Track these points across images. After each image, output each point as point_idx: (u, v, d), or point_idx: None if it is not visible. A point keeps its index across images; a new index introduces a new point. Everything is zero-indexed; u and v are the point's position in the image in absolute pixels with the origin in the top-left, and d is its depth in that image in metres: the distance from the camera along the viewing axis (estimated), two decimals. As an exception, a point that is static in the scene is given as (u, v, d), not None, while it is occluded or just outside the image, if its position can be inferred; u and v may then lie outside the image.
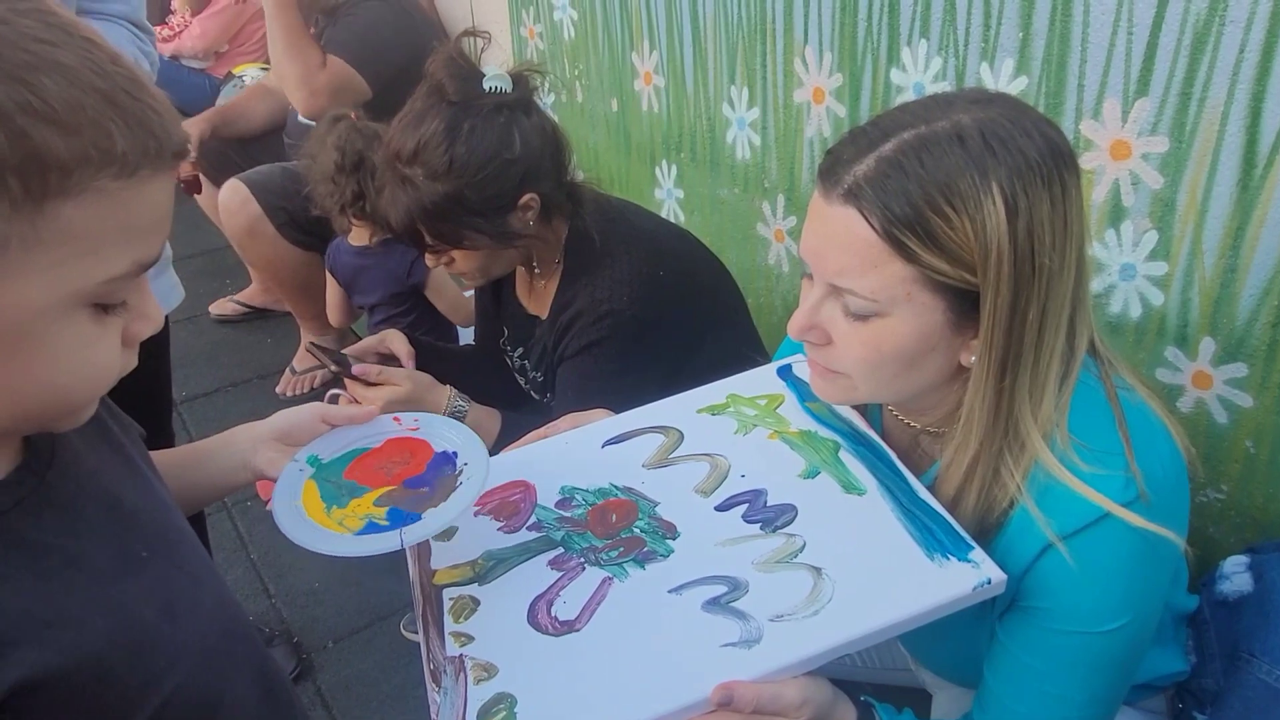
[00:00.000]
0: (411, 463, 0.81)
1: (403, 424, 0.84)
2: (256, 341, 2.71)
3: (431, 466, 0.80)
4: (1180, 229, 1.18)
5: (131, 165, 0.51)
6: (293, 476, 0.80)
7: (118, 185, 0.51)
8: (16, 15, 0.49)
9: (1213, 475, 1.25)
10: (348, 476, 0.80)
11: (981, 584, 0.74)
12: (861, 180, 0.73)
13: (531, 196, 1.27)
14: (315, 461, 0.82)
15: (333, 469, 0.81)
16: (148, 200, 0.53)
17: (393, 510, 0.76)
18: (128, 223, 0.52)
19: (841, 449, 0.88)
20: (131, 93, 0.51)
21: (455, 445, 0.82)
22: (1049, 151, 0.73)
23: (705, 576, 0.79)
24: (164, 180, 0.54)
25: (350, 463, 0.82)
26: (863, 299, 0.75)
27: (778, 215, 1.82)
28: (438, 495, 0.77)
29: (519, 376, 1.56)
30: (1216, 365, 1.20)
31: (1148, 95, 1.16)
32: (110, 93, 0.50)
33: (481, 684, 0.74)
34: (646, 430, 0.96)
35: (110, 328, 0.56)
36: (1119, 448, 0.77)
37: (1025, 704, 0.82)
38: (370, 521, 0.76)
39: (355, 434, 0.84)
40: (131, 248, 0.53)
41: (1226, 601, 1.04)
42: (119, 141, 0.50)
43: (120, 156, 0.50)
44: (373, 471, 0.80)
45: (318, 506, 0.77)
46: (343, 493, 0.78)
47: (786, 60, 1.66)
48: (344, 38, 2.21)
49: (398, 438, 0.83)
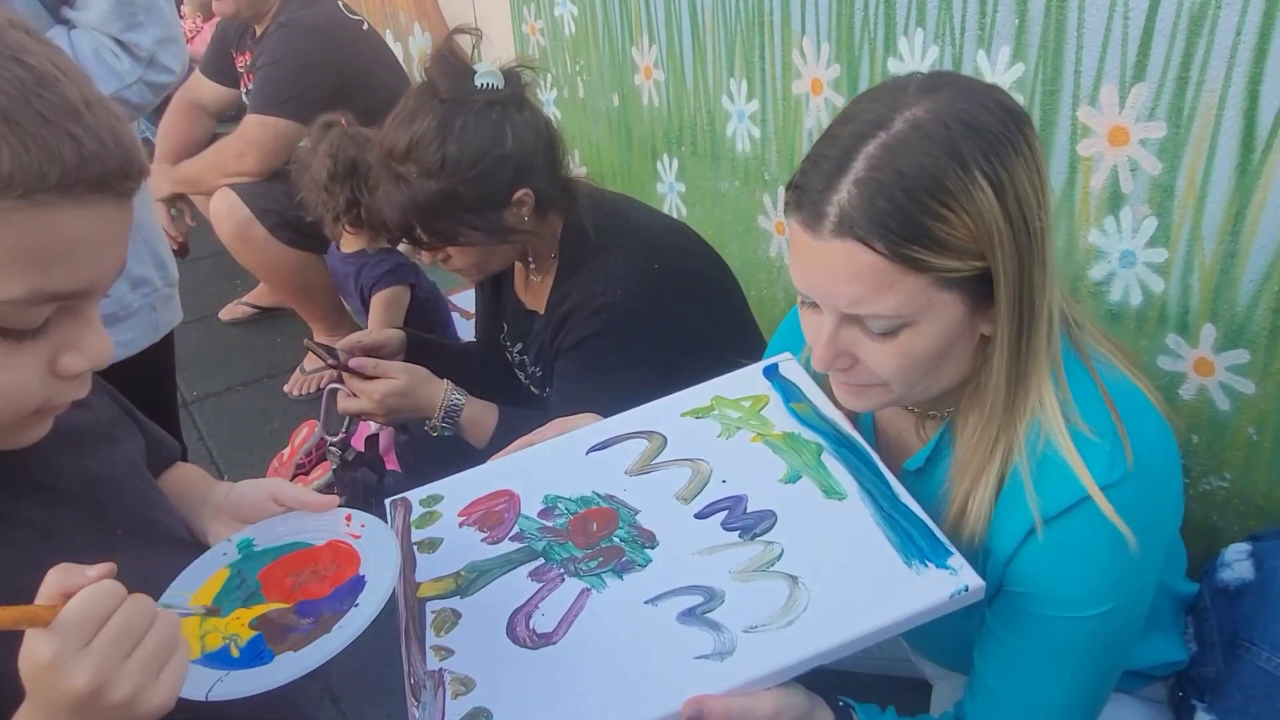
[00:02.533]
0: (328, 579, 0.74)
1: (350, 525, 0.77)
2: (266, 341, 2.73)
3: (336, 593, 0.72)
4: (1179, 215, 1.17)
5: (21, 187, 0.49)
6: (212, 559, 0.75)
7: (5, 205, 0.49)
8: None
9: (1215, 462, 1.24)
10: (261, 576, 0.74)
11: (958, 591, 0.74)
12: (849, 209, 0.71)
13: (525, 192, 1.28)
14: (246, 547, 0.77)
15: (257, 561, 0.76)
16: (52, 226, 0.51)
17: (254, 641, 0.69)
18: (20, 247, 0.50)
19: (824, 452, 0.88)
20: (48, 115, 0.50)
21: (370, 572, 0.74)
22: (1007, 117, 0.72)
23: (682, 587, 0.79)
24: (80, 209, 0.52)
25: (279, 558, 0.76)
26: (886, 319, 0.74)
27: (778, 207, 1.82)
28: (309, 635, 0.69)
29: (519, 372, 1.56)
30: (1218, 352, 1.18)
31: (1145, 80, 1.14)
32: (11, 112, 0.49)
33: (459, 698, 0.74)
34: (630, 435, 0.96)
35: (25, 354, 0.54)
36: (1107, 425, 0.76)
37: (1015, 690, 0.82)
38: (224, 648, 0.68)
39: (303, 524, 0.78)
40: (27, 273, 0.51)
41: (1227, 589, 1.03)
42: (5, 162, 0.48)
43: (6, 176, 0.48)
44: (281, 580, 0.74)
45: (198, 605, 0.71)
46: (242, 595, 0.72)
47: (784, 52, 1.66)
48: (256, 88, 2.23)
49: (338, 541, 0.77)
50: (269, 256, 2.26)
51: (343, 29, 2.29)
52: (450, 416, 1.36)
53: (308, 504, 0.77)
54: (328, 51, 2.21)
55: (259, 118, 2.18)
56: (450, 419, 1.36)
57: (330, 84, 2.18)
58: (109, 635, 0.52)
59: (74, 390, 0.58)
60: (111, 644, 0.51)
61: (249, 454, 2.22)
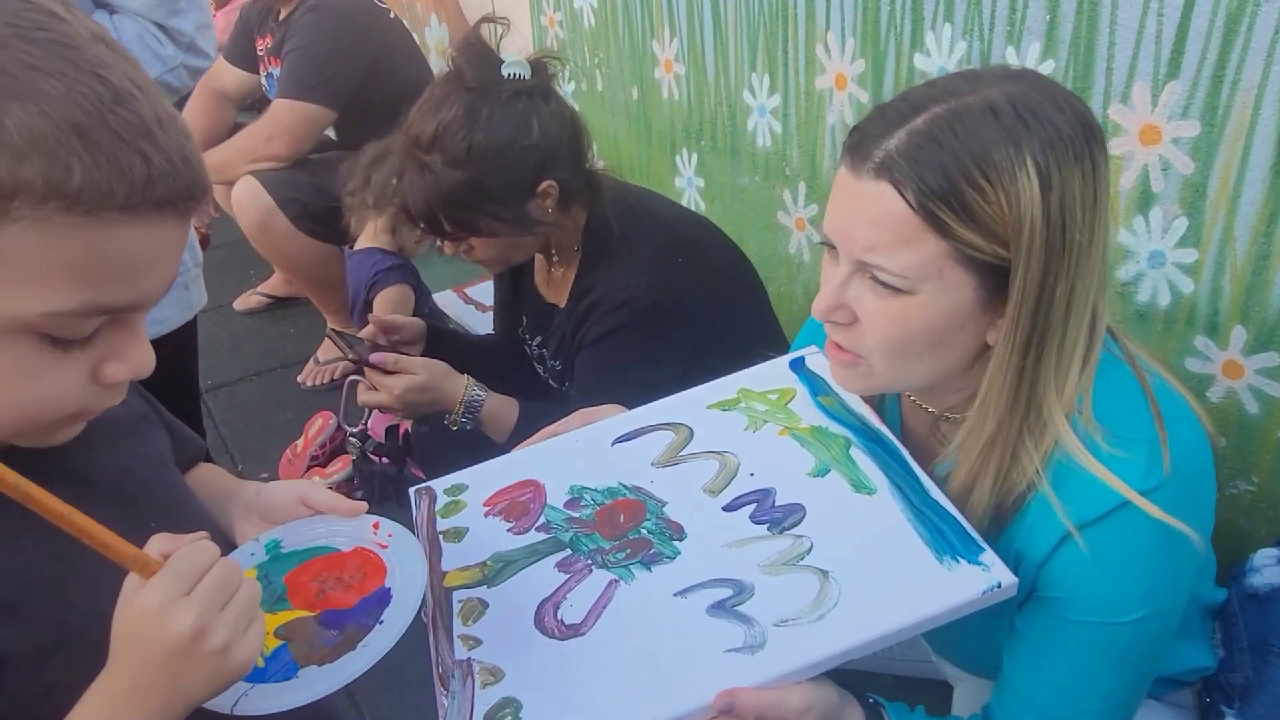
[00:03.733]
0: (353, 587, 0.73)
1: (378, 533, 0.77)
2: (280, 331, 2.73)
3: (362, 604, 0.72)
4: (1211, 215, 1.15)
5: (88, 204, 0.49)
6: (239, 559, 0.74)
7: (70, 221, 0.49)
8: (22, 39, 0.48)
9: (1243, 466, 1.22)
10: (287, 580, 0.74)
11: (991, 588, 0.73)
12: (894, 154, 0.72)
13: (550, 184, 1.27)
14: (273, 548, 0.76)
15: (284, 564, 0.75)
16: (114, 243, 0.51)
17: (278, 650, 0.68)
18: (81, 261, 0.50)
19: (852, 446, 0.87)
20: (122, 133, 0.50)
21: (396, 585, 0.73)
22: (1080, 126, 0.72)
23: (711, 579, 0.78)
24: (142, 227, 0.52)
25: (305, 562, 0.76)
26: (893, 274, 0.74)
27: (799, 203, 1.81)
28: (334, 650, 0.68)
29: (538, 365, 1.56)
30: (1248, 354, 1.17)
31: (1178, 78, 1.13)
32: (88, 129, 0.49)
33: (488, 688, 0.74)
34: (657, 427, 0.95)
35: (70, 363, 0.54)
36: (1143, 433, 0.75)
37: (1045, 695, 0.81)
38: None
39: (332, 528, 0.78)
40: (84, 287, 0.51)
41: (1256, 595, 1.02)
42: (77, 177, 0.48)
43: (75, 192, 0.48)
44: (307, 585, 0.74)
45: None
46: (268, 598, 0.72)
47: (808, 46, 1.65)
48: (285, 73, 2.20)
49: (364, 549, 0.76)
50: (290, 247, 2.25)
51: (371, 15, 2.28)
52: (471, 411, 1.36)
53: (337, 509, 0.77)
54: (358, 37, 2.20)
55: (288, 102, 2.16)
56: (471, 413, 1.36)
57: (360, 70, 2.17)
58: (209, 586, 0.56)
59: (112, 398, 0.58)
60: (211, 594, 0.56)
61: (262, 444, 2.22)
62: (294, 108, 2.16)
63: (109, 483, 0.67)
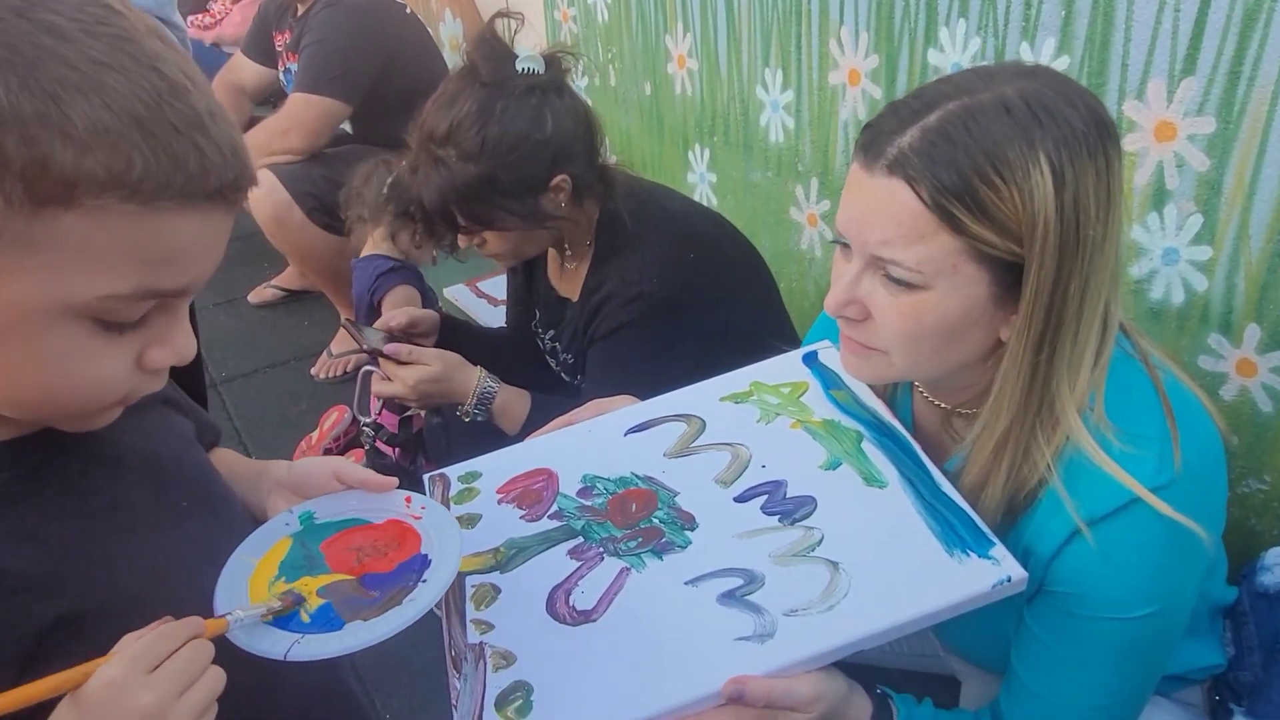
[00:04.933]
0: (389, 555, 0.75)
1: (410, 506, 0.79)
2: (294, 324, 2.75)
3: (400, 569, 0.74)
4: (1226, 212, 1.15)
5: (147, 193, 0.51)
6: (275, 528, 0.77)
7: (128, 209, 0.51)
8: (87, 34, 0.50)
9: (1255, 465, 1.22)
10: (323, 547, 0.76)
11: (1001, 581, 0.73)
12: (908, 150, 0.72)
13: (563, 178, 1.27)
14: (307, 519, 0.78)
15: (318, 533, 0.77)
16: (167, 230, 0.53)
17: (323, 608, 0.70)
18: (135, 247, 0.52)
19: (864, 439, 0.88)
20: (178, 125, 0.52)
21: (433, 552, 0.75)
22: (1094, 122, 0.72)
23: (722, 569, 0.79)
24: (194, 216, 0.54)
25: (339, 532, 0.77)
26: (906, 269, 0.74)
27: (811, 199, 1.81)
28: (378, 608, 0.70)
29: (550, 359, 1.57)
30: (1262, 353, 1.17)
31: (1194, 74, 1.13)
32: (148, 121, 0.50)
33: (500, 671, 0.75)
34: (669, 418, 0.96)
35: (120, 347, 0.56)
36: (1155, 431, 0.75)
37: (1053, 691, 0.81)
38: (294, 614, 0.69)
39: (363, 502, 0.79)
40: (138, 271, 0.53)
41: (1267, 594, 1.02)
42: (137, 168, 0.50)
43: (135, 182, 0.50)
44: (344, 552, 0.75)
45: (269, 572, 0.73)
46: (306, 564, 0.74)
47: (822, 41, 1.64)
48: (302, 67, 2.21)
49: (397, 520, 0.78)
50: (304, 240, 2.26)
51: (388, 10, 2.30)
52: (483, 403, 1.37)
53: (369, 484, 0.79)
54: (374, 32, 2.21)
55: (304, 96, 2.18)
56: (483, 405, 1.37)
57: (376, 65, 2.18)
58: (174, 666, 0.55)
59: (155, 383, 0.60)
60: (174, 676, 0.55)
61: (276, 436, 2.24)
62: (310, 102, 2.18)
63: (140, 463, 0.69)
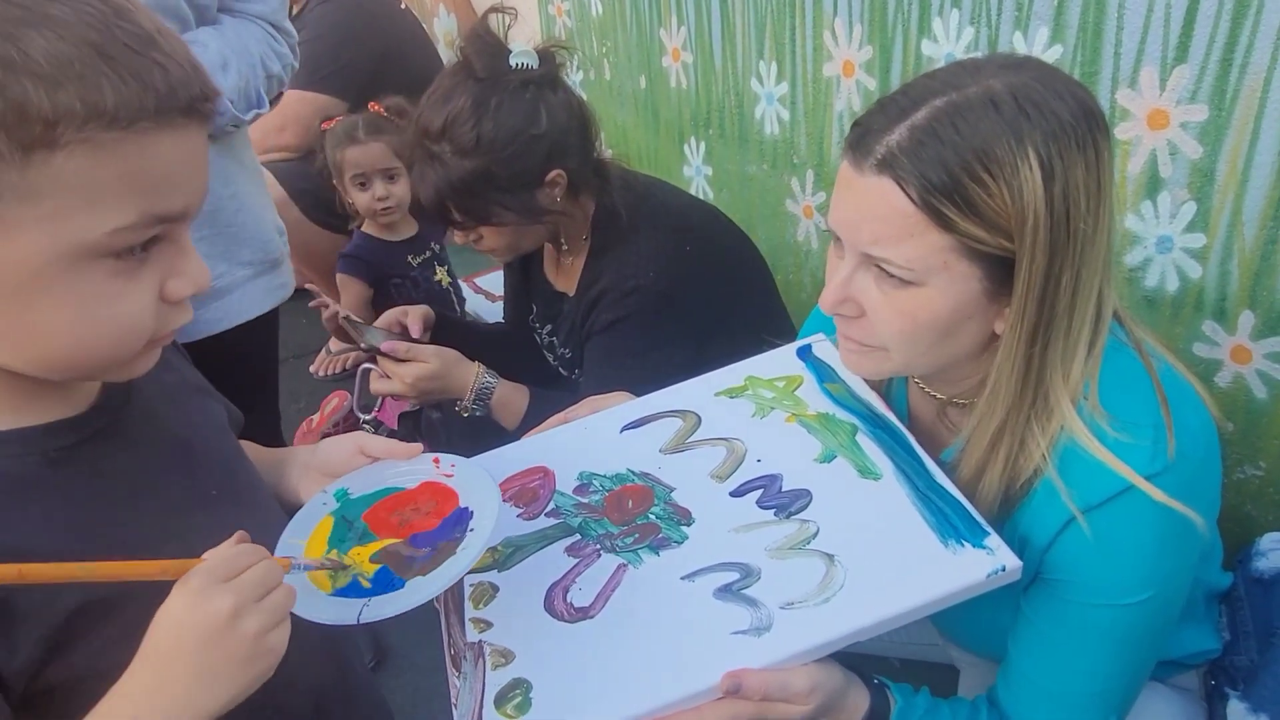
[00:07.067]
0: (431, 514, 0.77)
1: (440, 466, 0.80)
2: (292, 322, 2.73)
3: (445, 524, 0.75)
4: (1220, 200, 1.15)
5: (126, 118, 0.51)
6: (313, 509, 0.78)
7: (112, 137, 0.51)
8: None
9: (1250, 451, 1.22)
10: (365, 518, 0.77)
11: (996, 571, 0.74)
12: (896, 150, 0.72)
13: (558, 173, 1.28)
14: (342, 496, 0.79)
15: (356, 507, 0.78)
16: (152, 152, 0.53)
17: (381, 571, 0.72)
18: (128, 174, 0.53)
19: (859, 432, 0.88)
20: (134, 46, 0.52)
21: (473, 503, 0.76)
22: (1081, 114, 0.72)
23: (718, 563, 0.79)
24: (173, 134, 0.54)
25: (376, 503, 0.79)
26: (898, 267, 0.74)
27: (806, 191, 1.81)
28: (432, 561, 0.72)
29: (548, 353, 1.57)
30: (1256, 339, 1.17)
31: (1186, 62, 1.13)
32: (104, 45, 0.51)
33: (499, 669, 0.75)
34: (664, 414, 0.96)
35: (139, 284, 0.57)
36: (1149, 419, 0.76)
37: (1050, 677, 0.82)
38: (354, 580, 0.72)
39: (393, 470, 0.81)
40: (137, 198, 0.54)
41: (1262, 579, 1.02)
42: (109, 95, 0.50)
43: (111, 109, 0.51)
44: (386, 519, 0.77)
45: (318, 550, 0.74)
46: (353, 536, 0.75)
47: (816, 33, 1.64)
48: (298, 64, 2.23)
49: (431, 482, 0.79)
50: (302, 238, 2.25)
51: (383, 6, 2.31)
52: (482, 398, 1.37)
53: (395, 453, 0.80)
54: (369, 28, 2.22)
55: (299, 93, 2.18)
56: (482, 401, 1.37)
57: (371, 61, 2.19)
58: (250, 577, 0.58)
59: (180, 317, 0.61)
60: (251, 585, 0.58)
61: (276, 433, 2.25)
62: (305, 98, 2.18)
63: (173, 449, 0.69)
